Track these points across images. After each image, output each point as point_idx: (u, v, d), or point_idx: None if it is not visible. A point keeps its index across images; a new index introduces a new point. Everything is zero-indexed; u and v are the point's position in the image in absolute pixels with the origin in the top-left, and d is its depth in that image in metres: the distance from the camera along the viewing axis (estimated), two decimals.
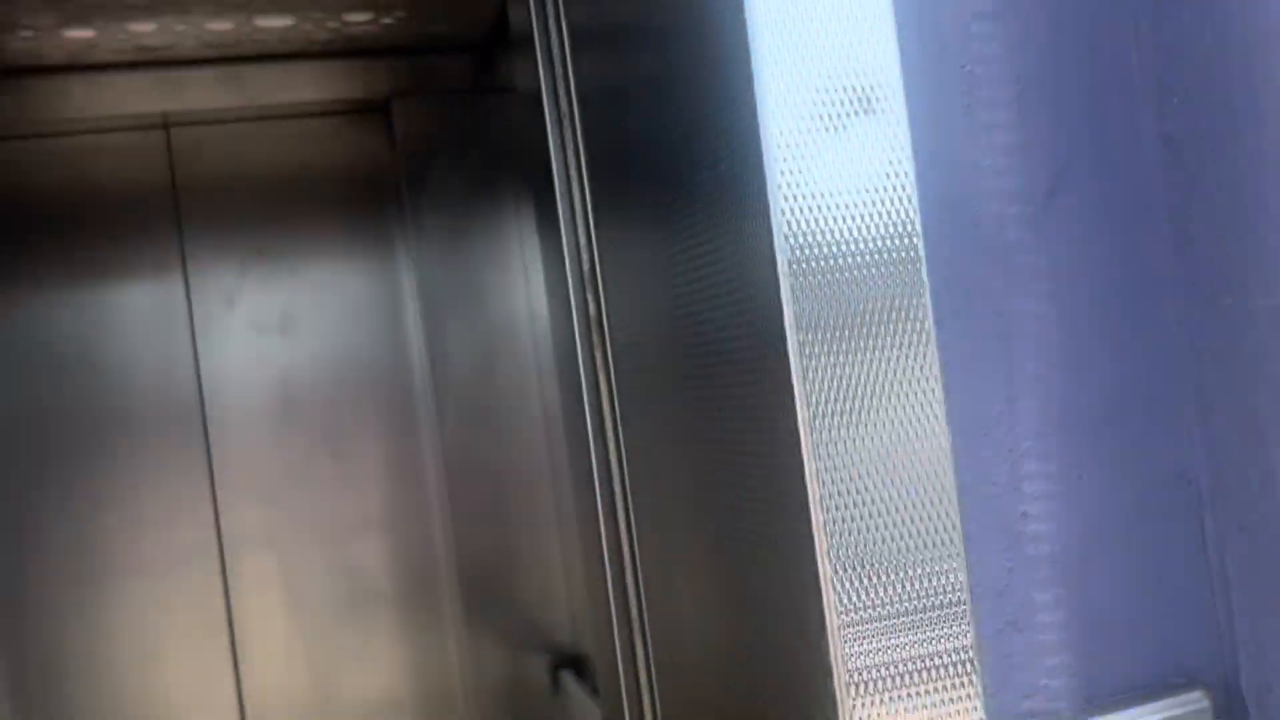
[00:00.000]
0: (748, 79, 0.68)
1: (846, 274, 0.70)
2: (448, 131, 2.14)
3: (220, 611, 2.09)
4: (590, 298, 1.11)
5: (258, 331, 2.13)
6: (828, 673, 0.69)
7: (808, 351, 0.69)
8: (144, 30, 1.83)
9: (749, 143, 0.70)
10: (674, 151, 0.83)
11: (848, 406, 0.70)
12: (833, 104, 0.71)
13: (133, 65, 1.99)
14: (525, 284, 2.08)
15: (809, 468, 0.68)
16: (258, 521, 2.11)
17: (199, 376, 2.10)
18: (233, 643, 2.09)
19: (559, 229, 1.12)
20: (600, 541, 1.16)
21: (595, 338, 1.04)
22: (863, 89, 0.72)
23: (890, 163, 0.72)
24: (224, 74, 2.04)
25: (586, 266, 1.09)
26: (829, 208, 0.70)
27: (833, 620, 0.68)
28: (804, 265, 0.69)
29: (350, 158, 2.19)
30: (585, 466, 1.14)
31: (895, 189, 0.72)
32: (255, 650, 2.10)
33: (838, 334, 0.70)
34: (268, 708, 2.11)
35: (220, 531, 2.11)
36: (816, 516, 0.68)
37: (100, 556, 2.04)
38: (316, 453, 2.14)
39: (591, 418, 1.12)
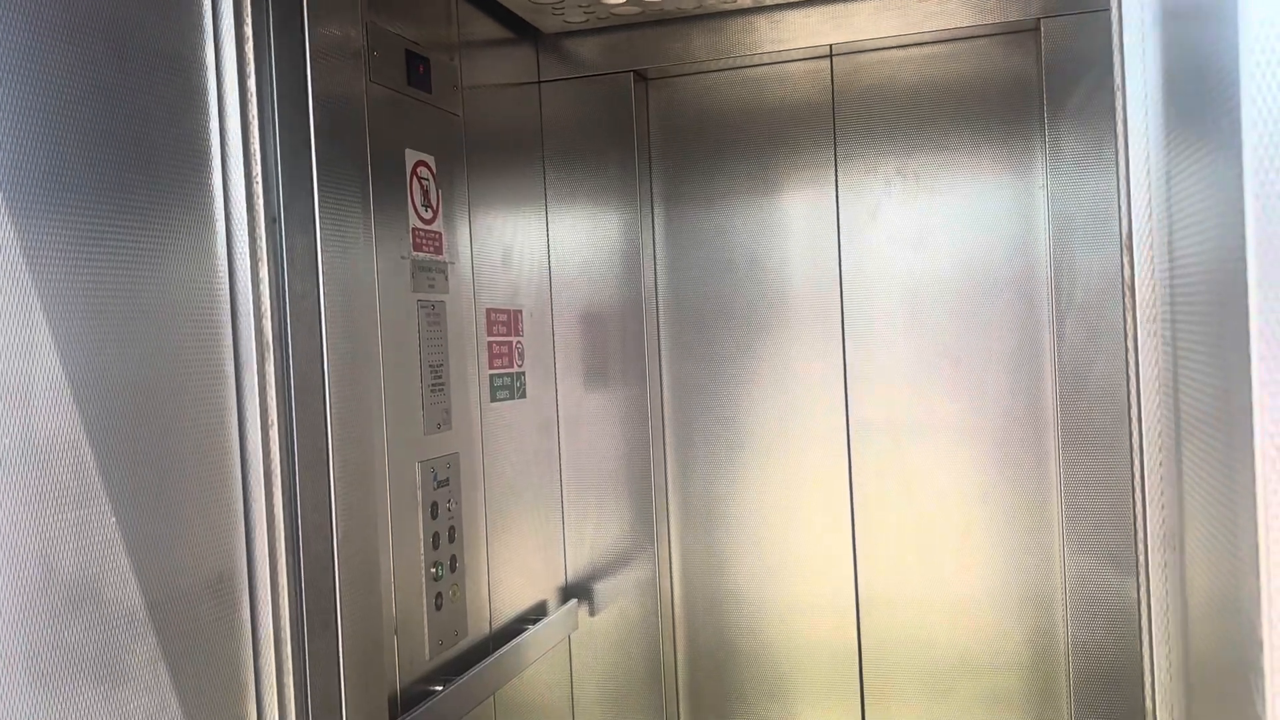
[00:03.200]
0: None
1: None
2: (1094, 50, 2.13)
3: (843, 488, 2.40)
4: (1127, 222, 1.11)
5: (895, 240, 2.35)
6: None
7: None
8: None
9: None
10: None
11: None
12: None
13: (805, 3, 2.27)
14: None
15: None
16: (881, 413, 2.37)
17: (841, 279, 2.38)
18: (852, 514, 2.39)
19: (1125, 151, 1.13)
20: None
21: (1126, 263, 1.05)
22: None
23: None
24: (884, 5, 2.24)
25: (1126, 193, 1.08)
26: None
27: None
28: None
29: (996, 79, 2.28)
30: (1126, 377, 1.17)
31: None
32: (869, 521, 2.39)
33: None
34: (875, 560, 2.39)
35: (849, 417, 2.40)
36: None
37: (752, 424, 2.45)
38: (938, 355, 2.33)
39: (1133, 351, 1.13)
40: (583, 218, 2.42)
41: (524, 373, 2.24)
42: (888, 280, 2.36)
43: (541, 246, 2.39)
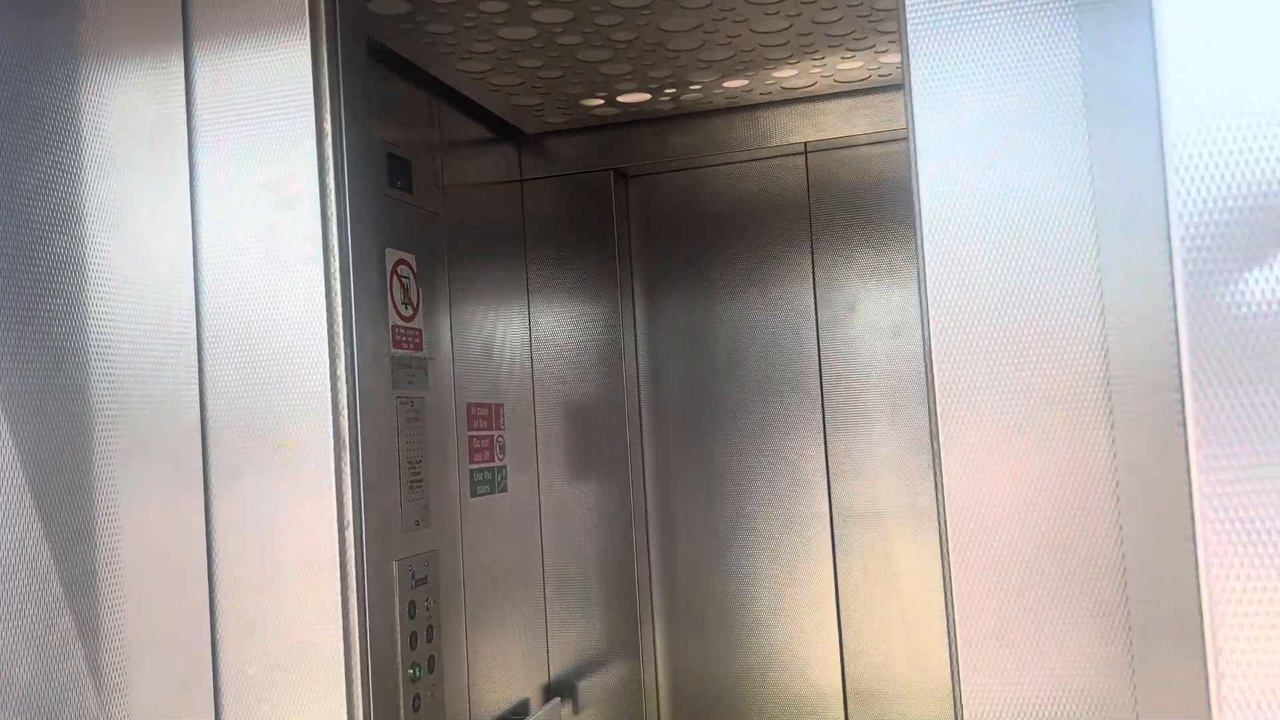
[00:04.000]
0: None
1: None
2: None
3: (828, 577, 2.39)
4: (927, 340, 1.14)
5: (874, 330, 2.37)
6: None
7: None
8: (786, 75, 2.15)
9: None
10: None
11: None
12: None
13: (778, 103, 2.33)
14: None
15: None
16: (864, 502, 2.37)
17: (821, 369, 2.40)
18: (837, 604, 2.38)
19: (924, 271, 1.18)
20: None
21: (929, 381, 1.08)
22: None
23: None
24: (855, 104, 2.30)
25: (926, 310, 1.13)
26: None
27: None
28: None
29: None
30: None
31: None
32: (854, 611, 2.37)
33: None
34: (861, 651, 2.36)
35: (832, 507, 2.40)
36: None
37: (735, 515, 2.45)
38: (920, 443, 2.34)
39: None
40: (565, 311, 2.44)
41: (505, 467, 2.24)
42: (867, 370, 2.38)
43: (523, 340, 2.41)
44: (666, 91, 2.19)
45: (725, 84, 2.17)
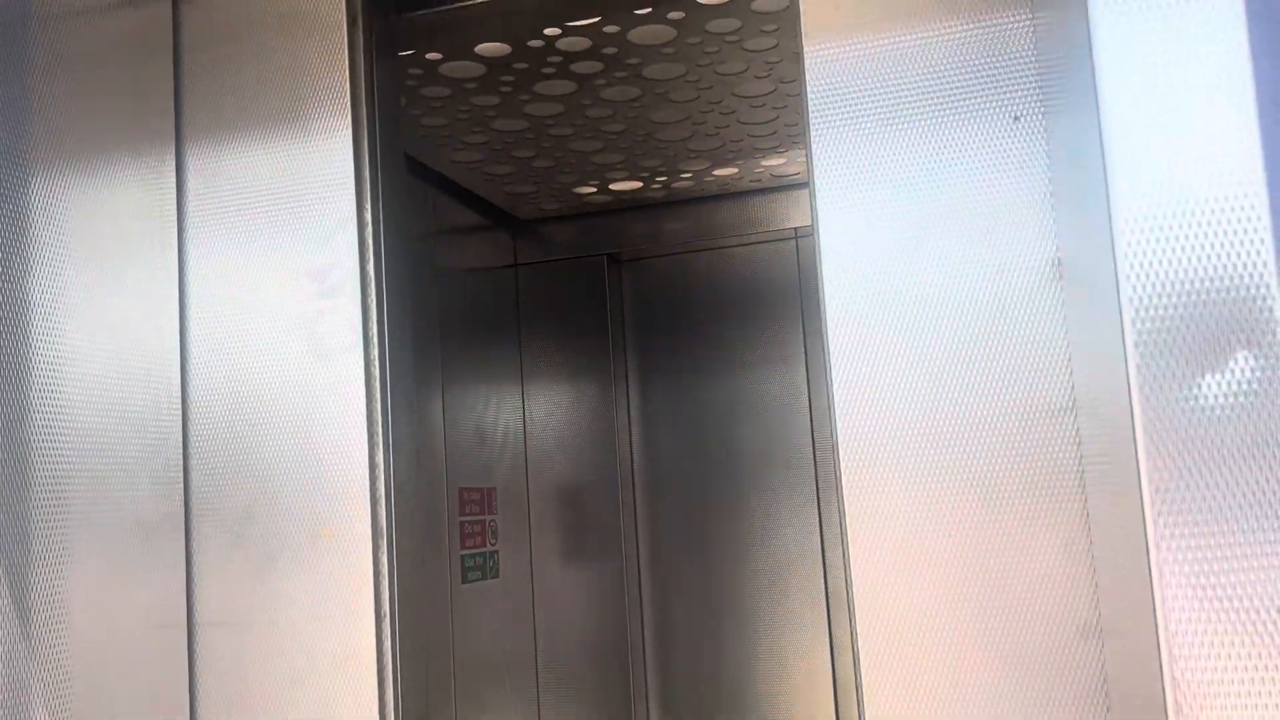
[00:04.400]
0: None
1: None
2: None
3: (825, 662, 2.36)
4: (835, 427, 1.14)
5: None
6: None
7: None
8: (774, 163, 2.19)
9: None
10: None
11: None
12: None
13: (768, 190, 2.37)
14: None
15: None
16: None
17: (814, 450, 2.41)
18: (835, 692, 2.35)
19: (829, 362, 1.18)
20: None
21: (835, 463, 1.09)
22: None
23: None
24: None
25: (831, 395, 1.13)
26: None
27: None
28: None
29: None
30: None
31: None
32: (852, 686, 2.34)
33: None
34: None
35: (828, 588, 2.38)
36: None
37: (730, 592, 2.43)
38: None
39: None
40: (559, 394, 2.46)
41: (497, 551, 2.24)
42: None
43: (517, 423, 2.43)
44: (658, 179, 2.23)
45: (715, 172, 2.21)
